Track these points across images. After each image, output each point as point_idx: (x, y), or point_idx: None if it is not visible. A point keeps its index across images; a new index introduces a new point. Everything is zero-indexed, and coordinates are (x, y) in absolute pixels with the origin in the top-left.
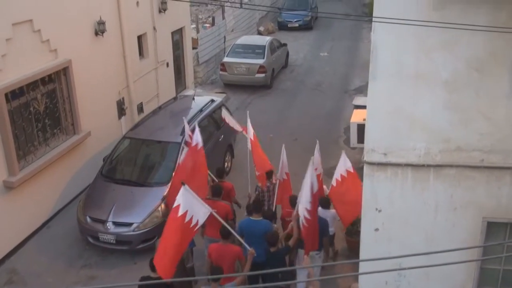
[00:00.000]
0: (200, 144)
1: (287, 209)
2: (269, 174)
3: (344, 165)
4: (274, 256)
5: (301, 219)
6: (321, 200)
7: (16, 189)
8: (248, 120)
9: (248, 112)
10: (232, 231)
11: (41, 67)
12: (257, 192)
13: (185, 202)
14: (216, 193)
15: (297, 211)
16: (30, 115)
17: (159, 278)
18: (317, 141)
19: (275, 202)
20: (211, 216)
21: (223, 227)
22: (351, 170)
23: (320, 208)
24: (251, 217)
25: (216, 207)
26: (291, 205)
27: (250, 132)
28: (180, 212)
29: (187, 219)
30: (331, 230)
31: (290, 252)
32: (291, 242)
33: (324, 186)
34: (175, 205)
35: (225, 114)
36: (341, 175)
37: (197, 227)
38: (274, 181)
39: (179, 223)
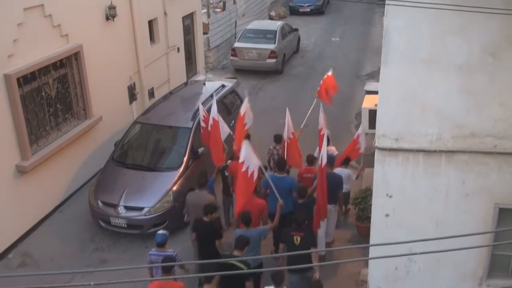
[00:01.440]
0: (216, 118)
1: (303, 167)
2: (278, 138)
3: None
4: (302, 206)
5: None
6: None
7: (28, 173)
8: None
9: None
10: (271, 183)
11: (53, 52)
12: (269, 154)
13: (246, 157)
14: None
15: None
16: (42, 100)
17: (210, 222)
18: (321, 103)
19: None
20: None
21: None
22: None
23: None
24: (275, 174)
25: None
26: (308, 163)
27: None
28: (244, 168)
29: (249, 173)
30: (346, 187)
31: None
32: (316, 194)
33: (333, 147)
34: (240, 161)
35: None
36: None
37: (254, 179)
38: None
39: (244, 176)
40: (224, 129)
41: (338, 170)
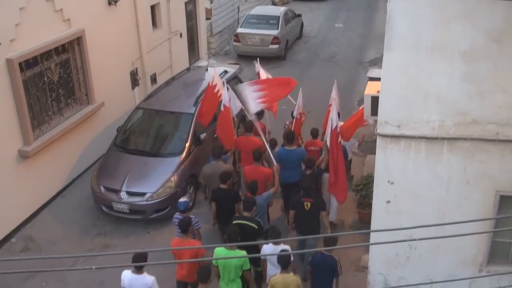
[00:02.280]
0: (227, 105)
1: (307, 140)
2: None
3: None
4: (309, 177)
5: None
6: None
7: (31, 158)
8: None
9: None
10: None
11: (55, 37)
12: (284, 129)
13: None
14: (248, 129)
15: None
16: (44, 85)
17: (228, 188)
18: (335, 81)
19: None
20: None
21: (255, 151)
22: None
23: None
24: (286, 147)
25: (248, 142)
26: (312, 136)
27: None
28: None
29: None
30: (350, 156)
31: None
32: (323, 165)
33: (341, 123)
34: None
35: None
36: None
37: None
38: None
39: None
40: (237, 104)
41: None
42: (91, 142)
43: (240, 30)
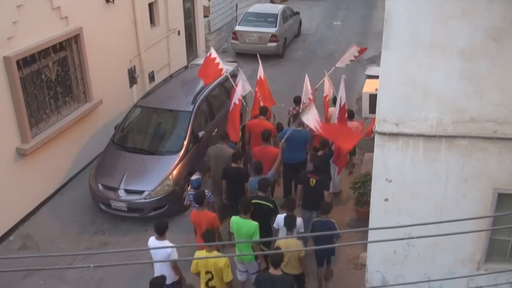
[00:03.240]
0: (238, 100)
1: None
2: (297, 100)
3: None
4: (321, 158)
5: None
6: (348, 112)
7: (29, 156)
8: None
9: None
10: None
11: (52, 35)
12: (289, 115)
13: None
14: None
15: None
16: (41, 83)
17: (238, 168)
18: (343, 76)
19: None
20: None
21: (264, 131)
22: None
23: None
24: (294, 127)
25: (260, 125)
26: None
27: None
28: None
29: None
30: None
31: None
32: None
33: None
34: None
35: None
36: None
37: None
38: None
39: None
40: (246, 87)
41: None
42: (89, 140)
43: (238, 28)
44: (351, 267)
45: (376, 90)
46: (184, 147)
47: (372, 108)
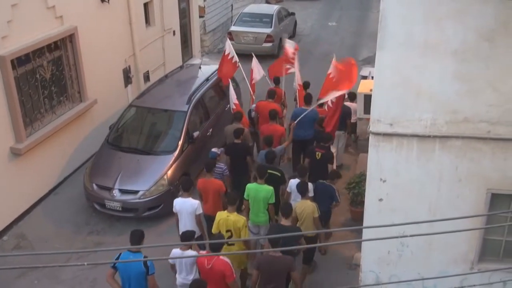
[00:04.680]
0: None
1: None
2: (307, 85)
3: None
4: (326, 134)
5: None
6: (349, 93)
7: (23, 156)
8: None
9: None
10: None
11: (47, 34)
12: (295, 95)
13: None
14: (270, 95)
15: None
16: (36, 82)
17: (241, 143)
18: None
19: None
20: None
21: (271, 111)
22: None
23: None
24: (303, 107)
25: (268, 107)
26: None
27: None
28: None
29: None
30: (354, 118)
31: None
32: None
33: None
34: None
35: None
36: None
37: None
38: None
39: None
40: (260, 72)
41: (348, 104)
42: (84, 140)
43: (233, 28)
44: (346, 267)
45: (371, 90)
46: (179, 147)
47: (367, 109)
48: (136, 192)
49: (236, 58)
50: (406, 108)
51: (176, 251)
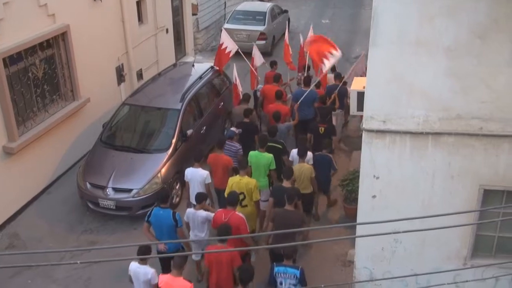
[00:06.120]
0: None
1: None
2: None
3: None
4: (324, 109)
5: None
6: (335, 74)
7: (16, 155)
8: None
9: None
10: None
11: (39, 32)
12: (298, 78)
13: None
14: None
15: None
16: (28, 81)
17: (250, 122)
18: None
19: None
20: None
21: (277, 91)
22: None
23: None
24: (302, 88)
25: (273, 90)
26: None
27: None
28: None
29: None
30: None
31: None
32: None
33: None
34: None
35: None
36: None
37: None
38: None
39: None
40: (261, 59)
41: (341, 87)
42: (77, 139)
43: (226, 26)
44: (340, 264)
45: (364, 87)
46: (173, 145)
47: (360, 106)
48: (129, 190)
49: (231, 47)
50: (399, 105)
51: (190, 210)
